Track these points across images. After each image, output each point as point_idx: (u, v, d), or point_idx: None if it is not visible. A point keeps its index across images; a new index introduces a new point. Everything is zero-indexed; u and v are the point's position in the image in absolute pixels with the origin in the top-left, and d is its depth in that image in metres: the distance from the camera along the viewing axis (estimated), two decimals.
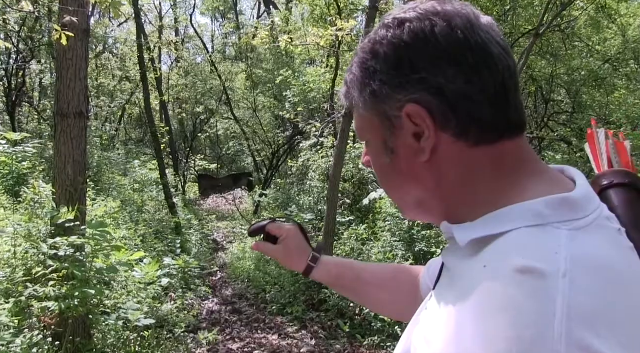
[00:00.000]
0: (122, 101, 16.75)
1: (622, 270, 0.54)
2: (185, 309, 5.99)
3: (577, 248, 0.53)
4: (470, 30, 0.63)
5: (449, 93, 0.62)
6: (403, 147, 0.67)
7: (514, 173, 0.64)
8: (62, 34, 3.30)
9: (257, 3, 25.53)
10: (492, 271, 0.55)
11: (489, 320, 0.51)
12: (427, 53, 0.63)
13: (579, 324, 0.48)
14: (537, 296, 0.50)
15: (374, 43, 0.67)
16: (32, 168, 7.00)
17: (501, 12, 10.32)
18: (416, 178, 0.68)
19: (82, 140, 4.00)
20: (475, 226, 0.63)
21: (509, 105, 0.64)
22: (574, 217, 0.57)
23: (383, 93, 0.66)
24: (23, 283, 3.54)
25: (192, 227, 10.56)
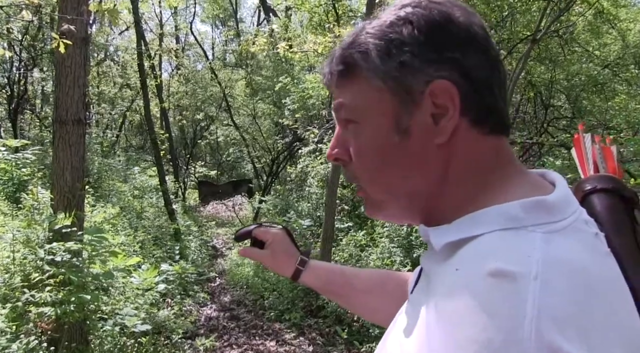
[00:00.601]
0: (123, 108, 16.83)
1: (595, 274, 0.53)
2: (183, 315, 6.00)
3: (550, 251, 0.53)
4: (486, 28, 0.67)
5: (476, 77, 0.63)
6: (418, 126, 0.65)
7: (503, 170, 0.65)
8: (60, 42, 3.34)
9: (257, 10, 25.66)
10: (464, 274, 0.55)
11: (460, 324, 0.51)
12: (459, 36, 0.64)
13: (549, 326, 0.47)
14: (508, 299, 0.49)
15: (398, 18, 0.65)
16: (32, 174, 7.04)
17: (499, 18, 10.35)
18: (424, 163, 0.66)
19: (81, 146, 4.04)
20: (450, 229, 0.63)
21: (507, 105, 0.68)
22: (549, 220, 0.57)
23: (414, 65, 0.63)
24: (21, 288, 3.56)
25: (191, 233, 10.57)
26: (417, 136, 0.65)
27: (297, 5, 12.03)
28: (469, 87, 0.63)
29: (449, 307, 0.53)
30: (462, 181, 0.65)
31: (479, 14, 3.49)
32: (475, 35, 0.65)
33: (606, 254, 0.58)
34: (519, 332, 0.47)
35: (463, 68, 0.63)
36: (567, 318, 0.48)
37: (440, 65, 0.63)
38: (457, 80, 0.62)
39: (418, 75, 0.63)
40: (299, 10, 12.67)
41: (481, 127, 0.64)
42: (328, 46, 8.04)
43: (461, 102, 0.63)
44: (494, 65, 0.65)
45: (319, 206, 9.08)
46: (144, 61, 10.32)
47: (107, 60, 17.88)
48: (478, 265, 0.53)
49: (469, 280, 0.53)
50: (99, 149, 12.81)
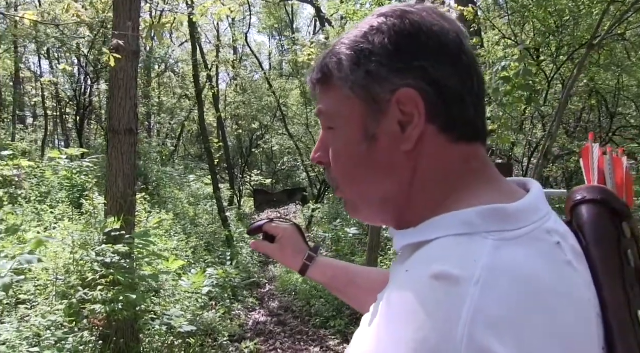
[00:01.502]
0: (182, 118, 17.38)
1: (544, 283, 0.54)
2: (232, 319, 6.17)
3: (498, 258, 0.54)
4: (463, 37, 0.68)
5: (444, 86, 0.64)
6: (386, 134, 0.67)
7: (474, 177, 0.67)
8: (111, 56, 3.57)
9: (312, 20, 26.01)
10: (411, 276, 0.57)
11: (400, 323, 0.53)
12: (428, 45, 0.65)
13: (482, 329, 0.48)
14: (446, 301, 0.51)
15: (371, 28, 0.67)
16: (91, 181, 7.45)
17: (559, 23, 10.01)
18: (392, 169, 0.68)
19: (132, 155, 4.27)
20: (412, 233, 0.66)
21: (483, 112, 0.69)
22: (503, 228, 0.57)
23: (380, 74, 0.65)
24: (77, 287, 3.81)
25: (243, 240, 10.81)
26: (385, 143, 0.67)
27: (349, 15, 12.12)
28: (436, 95, 0.64)
29: (393, 306, 0.55)
30: (428, 187, 0.67)
31: (536, 19, 3.45)
32: (447, 44, 0.66)
33: (565, 264, 0.58)
34: (452, 333, 0.49)
35: (430, 76, 0.64)
36: (502, 323, 0.49)
37: (407, 74, 0.64)
38: (424, 88, 0.64)
39: (384, 84, 0.65)
40: (351, 19, 12.76)
41: (449, 135, 0.66)
42: None
43: (427, 109, 0.64)
44: (465, 73, 0.66)
45: None
46: (199, 72, 10.68)
47: (167, 71, 18.53)
48: (425, 267, 0.55)
49: (414, 281, 0.55)
50: (158, 158, 13.28)
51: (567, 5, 9.37)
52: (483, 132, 0.69)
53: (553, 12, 9.72)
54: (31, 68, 20.70)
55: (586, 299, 0.58)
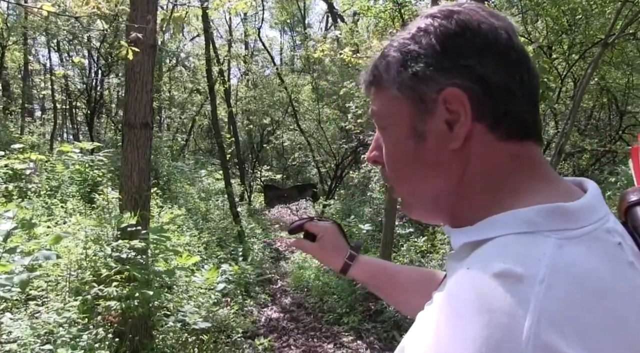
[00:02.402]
0: (192, 113, 17.38)
1: (608, 283, 0.54)
2: (244, 315, 6.14)
3: (562, 257, 0.54)
4: (512, 32, 0.68)
5: (491, 83, 0.65)
6: (433, 133, 0.68)
7: (527, 175, 0.66)
8: (129, 50, 3.52)
9: (325, 16, 25.91)
10: (473, 273, 0.56)
11: (463, 320, 0.53)
12: (474, 43, 0.66)
13: (548, 328, 0.49)
14: (511, 299, 0.51)
15: (418, 30, 0.69)
16: (104, 176, 7.41)
17: (571, 22, 9.99)
18: (441, 168, 0.69)
19: (147, 149, 4.22)
20: (470, 230, 0.66)
21: (537, 109, 0.69)
22: (566, 227, 0.58)
23: (426, 74, 0.67)
24: (91, 283, 3.77)
25: (255, 236, 10.77)
26: (433, 142, 0.68)
27: (363, 11, 12.04)
28: (482, 92, 0.65)
29: (456, 304, 0.55)
30: (479, 186, 0.67)
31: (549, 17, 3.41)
32: (496, 40, 0.66)
33: (627, 264, 0.58)
34: (518, 331, 0.49)
35: (477, 74, 0.65)
36: (567, 323, 0.49)
37: (454, 73, 0.65)
38: (470, 87, 0.65)
39: (430, 83, 0.66)
40: (365, 16, 12.67)
41: (498, 132, 0.66)
42: None
43: (474, 107, 0.65)
44: (515, 69, 0.66)
45: (380, 211, 9.05)
46: (212, 67, 10.63)
47: (179, 65, 18.53)
48: (487, 265, 0.55)
49: (477, 278, 0.55)
50: (169, 152, 13.28)
51: (580, 4, 9.34)
52: (535, 129, 0.69)
53: (566, 11, 9.70)
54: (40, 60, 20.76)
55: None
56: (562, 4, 9.29)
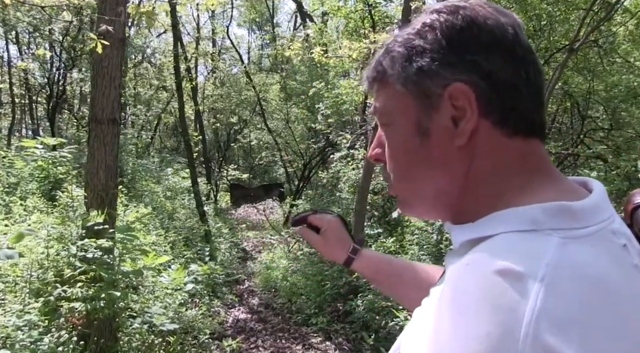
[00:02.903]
0: (158, 110, 17.11)
1: (611, 283, 0.53)
2: (211, 316, 6.04)
3: (564, 256, 0.53)
4: (518, 29, 0.67)
5: (498, 79, 0.64)
6: (438, 129, 0.67)
7: (531, 173, 0.65)
8: (98, 43, 3.40)
9: (293, 15, 25.82)
10: (473, 270, 0.55)
11: (462, 317, 0.52)
12: (481, 39, 0.65)
13: (547, 328, 0.48)
14: (510, 297, 0.50)
15: (423, 25, 0.68)
16: (68, 173, 7.19)
17: (537, 27, 10.19)
18: (446, 165, 0.68)
19: (115, 146, 4.10)
20: (472, 227, 0.64)
21: (542, 106, 0.67)
22: (570, 226, 0.56)
23: (432, 69, 0.66)
24: (53, 283, 3.63)
25: (221, 236, 10.65)
26: (438, 138, 0.67)
27: (333, 11, 12.04)
28: (489, 88, 0.64)
29: (455, 300, 0.54)
30: (485, 182, 0.66)
31: None
32: (502, 37, 0.65)
33: (632, 267, 0.57)
34: (516, 329, 0.48)
35: (483, 70, 0.64)
36: (566, 323, 0.48)
37: (459, 68, 0.64)
38: (476, 82, 0.64)
39: (435, 79, 0.65)
40: (335, 16, 12.68)
41: (504, 129, 0.65)
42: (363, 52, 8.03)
43: (480, 104, 0.64)
44: (520, 65, 0.65)
45: (349, 212, 9.04)
46: (180, 64, 10.46)
47: (145, 62, 18.22)
48: (488, 262, 0.54)
49: (477, 275, 0.54)
50: (134, 150, 13.03)
51: (545, 10, 9.56)
52: (541, 127, 0.68)
53: (532, 16, 9.88)
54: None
55: None
56: (529, 9, 9.48)
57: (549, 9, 9.63)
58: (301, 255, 8.57)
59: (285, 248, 9.55)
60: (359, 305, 6.01)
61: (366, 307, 5.87)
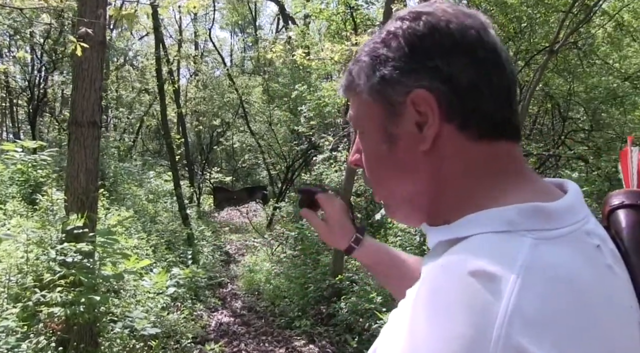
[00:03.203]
0: (141, 113, 16.99)
1: (583, 285, 0.53)
2: (194, 320, 6.00)
3: (537, 257, 0.53)
4: (482, 30, 0.67)
5: (458, 83, 0.64)
6: (404, 135, 0.68)
7: (503, 175, 0.65)
8: (78, 45, 3.38)
9: (276, 18, 25.81)
10: (448, 271, 0.56)
11: (435, 318, 0.52)
12: (442, 43, 0.65)
13: (519, 329, 0.48)
14: (483, 298, 0.50)
15: (387, 33, 0.69)
16: (48, 176, 7.11)
17: (517, 29, 10.30)
18: (412, 170, 0.69)
19: (95, 149, 4.07)
20: (446, 229, 0.65)
21: (511, 108, 0.67)
22: (544, 227, 0.57)
23: (393, 77, 0.67)
24: (32, 288, 3.59)
25: (204, 239, 10.60)
26: (404, 144, 0.68)
27: (315, 14, 12.06)
28: (450, 92, 0.64)
29: (429, 301, 0.55)
30: (454, 185, 0.67)
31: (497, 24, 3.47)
32: (462, 39, 0.65)
33: (606, 267, 0.58)
34: (489, 330, 0.48)
35: (444, 74, 0.64)
36: (538, 324, 0.49)
37: (421, 74, 0.65)
38: (438, 88, 0.64)
39: (397, 87, 0.67)
40: (317, 18, 12.70)
41: (468, 132, 0.65)
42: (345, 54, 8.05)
43: (442, 108, 0.64)
44: (482, 66, 0.65)
45: None
46: (162, 66, 10.40)
47: (127, 64, 18.08)
48: (462, 263, 0.54)
49: (451, 276, 0.54)
50: (116, 153, 12.92)
51: (525, 12, 9.66)
52: (510, 128, 0.67)
53: (512, 18, 9.99)
54: None
55: (627, 305, 0.57)
56: (509, 11, 9.57)
57: (529, 11, 9.74)
58: (284, 258, 8.56)
59: (268, 251, 9.54)
60: (342, 307, 6.01)
61: (349, 310, 5.88)
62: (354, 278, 6.49)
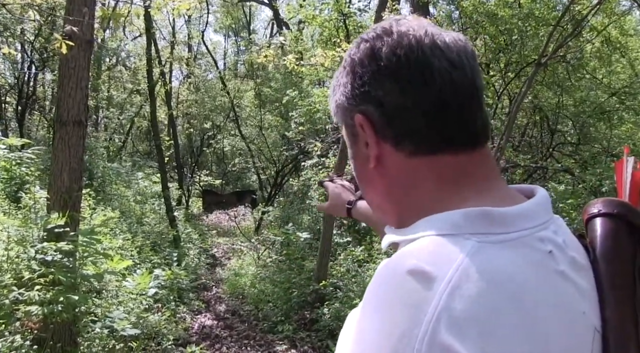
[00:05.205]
0: (131, 114, 16.92)
1: (521, 288, 0.54)
2: (177, 322, 5.97)
3: (476, 260, 0.55)
4: (413, 48, 0.65)
5: (387, 105, 0.66)
6: (359, 153, 0.73)
7: (454, 185, 0.66)
8: (63, 43, 3.37)
9: (270, 23, 25.85)
10: (388, 269, 0.58)
11: (376, 313, 0.55)
12: (371, 69, 0.68)
13: (445, 327, 0.50)
14: (415, 297, 0.52)
15: (346, 58, 0.73)
16: (32, 174, 7.07)
17: (508, 41, 10.38)
18: (371, 183, 0.74)
19: (80, 148, 4.06)
20: (397, 232, 0.68)
21: (447, 120, 0.65)
22: (489, 231, 0.58)
23: (343, 104, 0.72)
24: (10, 286, 3.56)
25: (191, 241, 10.56)
26: (360, 161, 0.74)
27: (309, 20, 12.08)
28: (381, 116, 0.67)
29: (370, 297, 0.57)
30: (403, 196, 0.70)
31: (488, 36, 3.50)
32: (388, 63, 0.66)
33: (554, 272, 0.59)
34: (416, 329, 0.51)
35: (375, 99, 0.67)
36: (466, 323, 0.50)
37: (359, 100, 0.69)
38: (371, 111, 0.68)
39: (346, 112, 0.72)
40: (311, 24, 12.72)
41: (402, 149, 0.67)
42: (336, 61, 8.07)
43: (376, 129, 0.68)
44: (408, 87, 0.65)
45: (318, 219, 9.06)
46: (153, 67, 10.39)
47: (119, 65, 18.01)
48: (402, 262, 0.56)
49: (389, 274, 0.57)
50: (105, 153, 12.86)
51: (516, 24, 9.74)
52: (462, 137, 0.67)
53: (503, 30, 10.08)
54: None
55: (579, 311, 0.58)
56: (500, 23, 9.66)
57: (520, 24, 9.81)
58: (270, 263, 8.55)
59: (254, 255, 9.52)
60: (325, 313, 6.01)
61: (332, 315, 5.88)
62: (338, 284, 6.50)
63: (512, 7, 10.05)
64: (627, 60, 11.56)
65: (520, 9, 10.00)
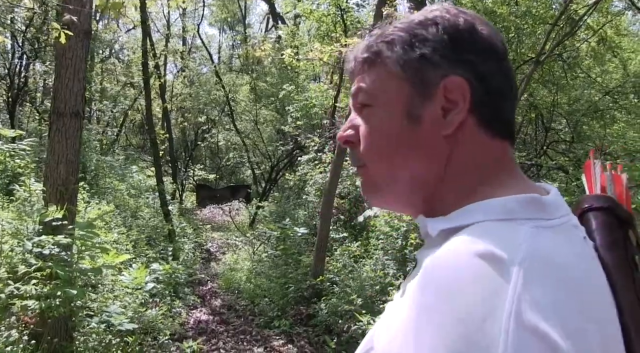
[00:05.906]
0: (125, 106, 16.80)
1: (578, 271, 0.56)
2: (172, 317, 5.93)
3: (536, 244, 0.56)
4: (504, 44, 0.73)
5: (489, 83, 0.69)
6: (428, 116, 0.70)
7: (505, 171, 0.70)
8: (62, 33, 3.31)
9: (265, 16, 25.73)
10: (456, 254, 0.57)
11: (449, 297, 0.54)
12: (479, 43, 0.70)
13: (528, 308, 0.50)
14: (493, 278, 0.53)
15: (426, 19, 0.71)
16: (26, 166, 6.99)
17: (505, 39, 10.39)
18: (429, 151, 0.70)
19: (77, 140, 4.00)
20: (448, 218, 0.67)
21: (514, 111, 0.73)
22: (540, 216, 0.61)
23: (433, 59, 0.69)
24: (5, 280, 3.50)
25: (185, 236, 10.51)
26: (426, 125, 0.70)
27: (306, 14, 12.03)
28: (482, 88, 0.68)
29: (441, 283, 0.56)
30: (463, 173, 0.70)
31: None
32: (496, 47, 0.71)
33: (592, 258, 0.62)
34: (499, 309, 0.51)
35: (479, 71, 0.68)
36: (546, 304, 0.51)
37: (458, 64, 0.68)
38: (471, 80, 0.68)
39: (436, 69, 0.69)
40: (308, 19, 12.67)
41: (487, 129, 0.69)
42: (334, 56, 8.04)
43: (472, 100, 0.68)
44: (508, 76, 0.71)
45: (315, 215, 9.03)
46: (148, 60, 10.30)
47: (112, 57, 17.88)
48: (470, 246, 0.57)
49: (460, 258, 0.56)
50: (98, 146, 12.76)
51: (513, 22, 9.77)
52: (513, 133, 0.73)
53: (500, 28, 10.08)
54: None
55: (609, 293, 0.60)
56: (498, 21, 9.66)
57: (517, 21, 9.84)
58: (266, 258, 8.51)
59: (249, 250, 9.48)
60: (322, 308, 5.98)
61: (329, 311, 5.85)
62: (335, 279, 6.47)
63: (509, 4, 10.06)
64: (619, 59, 11.64)
65: (517, 7, 10.00)
